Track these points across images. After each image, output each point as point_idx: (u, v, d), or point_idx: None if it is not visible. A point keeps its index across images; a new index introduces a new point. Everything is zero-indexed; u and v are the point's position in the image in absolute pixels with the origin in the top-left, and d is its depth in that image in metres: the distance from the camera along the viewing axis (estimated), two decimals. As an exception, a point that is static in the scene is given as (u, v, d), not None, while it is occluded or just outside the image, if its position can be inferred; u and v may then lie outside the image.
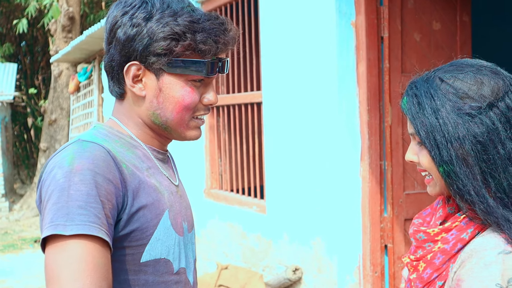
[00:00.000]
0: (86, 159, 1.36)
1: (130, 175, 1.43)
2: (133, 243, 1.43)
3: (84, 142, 1.42)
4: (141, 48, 1.47)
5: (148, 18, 1.46)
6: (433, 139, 1.39)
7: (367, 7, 4.01)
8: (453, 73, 1.42)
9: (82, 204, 1.31)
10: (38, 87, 19.57)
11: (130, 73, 1.49)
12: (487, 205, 1.35)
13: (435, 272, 1.42)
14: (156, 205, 1.47)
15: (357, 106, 4.08)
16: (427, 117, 1.40)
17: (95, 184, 1.34)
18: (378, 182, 4.09)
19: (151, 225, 1.45)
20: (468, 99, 1.37)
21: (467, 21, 4.36)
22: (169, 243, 1.50)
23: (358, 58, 4.07)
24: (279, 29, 4.80)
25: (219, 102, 5.86)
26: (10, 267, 8.80)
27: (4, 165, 14.59)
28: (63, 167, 1.36)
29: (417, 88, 1.44)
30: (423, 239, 1.46)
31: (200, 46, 1.46)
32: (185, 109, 1.51)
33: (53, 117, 13.84)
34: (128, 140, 1.54)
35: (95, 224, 1.31)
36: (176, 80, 1.49)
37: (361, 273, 4.14)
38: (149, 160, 1.54)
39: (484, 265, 1.30)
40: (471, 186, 1.36)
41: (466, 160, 1.36)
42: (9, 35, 19.08)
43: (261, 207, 5.19)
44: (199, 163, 6.15)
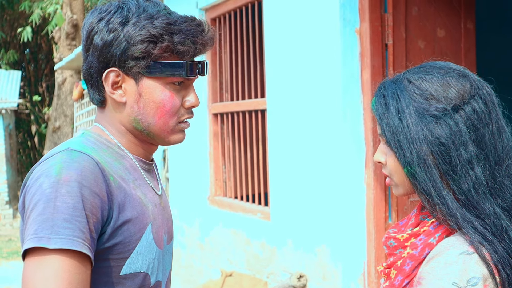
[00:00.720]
0: (75, 170, 1.35)
1: (116, 188, 1.42)
2: (114, 256, 1.42)
3: (74, 152, 1.40)
4: (119, 53, 1.45)
5: (124, 23, 1.45)
6: (397, 140, 1.39)
7: (371, 15, 4.01)
8: (421, 75, 1.42)
9: (67, 217, 1.30)
10: (42, 94, 19.62)
11: (109, 80, 1.48)
12: (447, 206, 1.35)
13: (406, 279, 1.42)
14: (140, 219, 1.46)
15: (362, 113, 4.09)
16: (391, 118, 1.40)
17: (82, 197, 1.33)
18: (382, 189, 4.09)
19: (134, 239, 1.44)
20: (434, 101, 1.37)
21: (471, 28, 4.36)
22: (150, 257, 1.49)
23: (362, 65, 4.07)
24: (283, 36, 4.81)
25: (223, 109, 5.87)
26: (14, 274, 8.81)
27: (8, 172, 14.62)
28: (51, 177, 1.34)
29: (385, 88, 1.44)
30: (393, 246, 1.46)
31: (178, 47, 1.45)
32: (167, 114, 1.49)
33: (57, 124, 13.87)
34: (116, 149, 1.52)
35: (79, 238, 1.30)
36: (155, 83, 1.47)
37: (366, 280, 4.13)
38: (135, 171, 1.53)
39: (444, 264, 1.31)
40: (432, 188, 1.37)
41: (427, 162, 1.37)
42: (13, 43, 19.14)
43: (266, 214, 5.19)
44: (203, 170, 6.16)
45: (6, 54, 17.94)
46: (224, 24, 5.91)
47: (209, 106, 6.04)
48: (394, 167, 1.43)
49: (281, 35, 4.85)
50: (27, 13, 16.20)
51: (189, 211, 6.37)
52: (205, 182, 6.16)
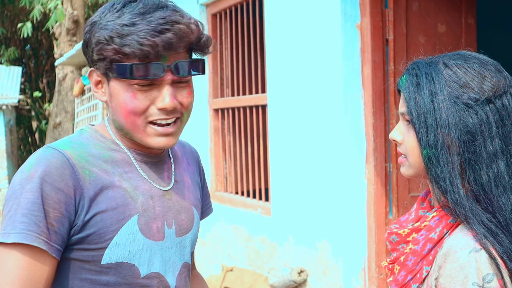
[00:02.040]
0: (41, 166, 1.41)
1: (91, 181, 1.46)
2: (91, 246, 1.46)
3: (48, 149, 1.46)
4: (90, 54, 1.51)
5: (100, 27, 1.47)
6: (424, 121, 1.39)
7: (372, 10, 4.01)
8: (459, 61, 1.42)
9: (25, 212, 1.38)
10: (43, 90, 19.62)
11: (92, 79, 1.54)
12: (458, 195, 1.35)
13: (409, 274, 1.43)
14: (120, 211, 1.48)
15: (362, 108, 4.09)
16: (423, 98, 1.40)
17: (42, 192, 1.39)
18: (383, 185, 4.09)
19: (110, 230, 1.46)
20: (468, 90, 1.38)
21: (472, 24, 4.36)
22: (133, 248, 1.50)
23: (363, 60, 4.07)
24: (284, 31, 4.81)
25: (224, 105, 5.87)
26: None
27: (9, 168, 14.62)
28: (23, 173, 1.42)
29: (419, 68, 1.43)
30: (396, 241, 1.47)
31: (125, 49, 1.43)
32: (131, 114, 1.48)
33: (58, 120, 13.87)
34: (109, 144, 1.55)
35: (33, 232, 1.38)
36: (119, 84, 1.48)
37: (367, 276, 4.14)
38: (127, 164, 1.54)
39: (459, 268, 1.31)
40: (447, 174, 1.37)
41: (450, 148, 1.37)
42: (13, 39, 19.13)
43: (266, 209, 5.19)
44: (204, 165, 6.16)
45: (6, 51, 17.93)
46: (225, 20, 5.90)
47: (210, 101, 6.04)
48: (411, 147, 1.44)
49: (281, 31, 4.84)
50: (27, 9, 16.19)
51: (190, 206, 6.37)
52: (206, 178, 6.15)
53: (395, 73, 4.05)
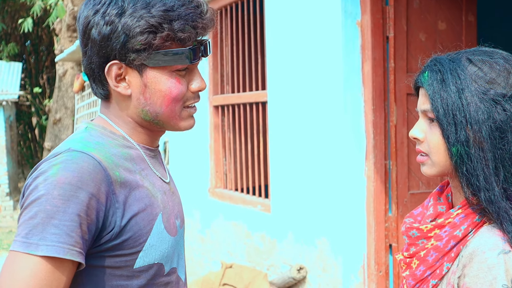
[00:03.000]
0: (71, 171, 1.32)
1: (121, 184, 1.40)
2: (126, 251, 1.41)
3: (74, 152, 1.37)
4: (119, 46, 1.41)
5: (121, 14, 1.40)
6: (452, 118, 1.37)
7: (373, 7, 4.01)
8: (483, 57, 1.40)
9: (56, 222, 1.29)
10: (43, 86, 19.62)
11: (112, 73, 1.44)
12: (493, 194, 1.34)
13: (428, 270, 1.41)
14: (149, 211, 1.44)
15: (362, 106, 4.09)
16: (450, 95, 1.37)
17: (74, 199, 1.31)
18: (383, 182, 4.09)
19: (144, 232, 1.43)
20: (495, 85, 1.36)
21: (472, 21, 4.36)
22: (163, 247, 1.48)
23: (363, 57, 4.07)
24: (284, 28, 4.81)
25: (224, 102, 5.87)
26: (14, 266, 8.82)
27: (8, 164, 14.63)
28: (48, 178, 1.32)
29: (442, 65, 1.41)
30: (416, 236, 1.45)
31: (179, 34, 1.41)
32: (174, 101, 1.46)
33: (58, 116, 13.87)
34: (121, 140, 1.49)
35: (65, 244, 1.29)
36: (160, 73, 1.44)
37: (366, 273, 4.14)
38: (142, 161, 1.51)
39: (488, 269, 1.29)
40: (481, 172, 1.35)
41: (482, 145, 1.35)
42: (14, 34, 19.12)
43: (266, 206, 5.20)
44: (203, 162, 6.16)
45: (7, 47, 17.92)
46: (226, 16, 5.90)
47: (210, 98, 6.04)
48: (436, 145, 1.41)
49: (282, 28, 4.84)
50: (28, 5, 16.17)
51: (189, 203, 6.38)
52: (205, 174, 6.16)
53: (395, 70, 4.05)
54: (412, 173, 4.18)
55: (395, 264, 4.15)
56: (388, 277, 4.14)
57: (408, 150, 4.13)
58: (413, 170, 4.17)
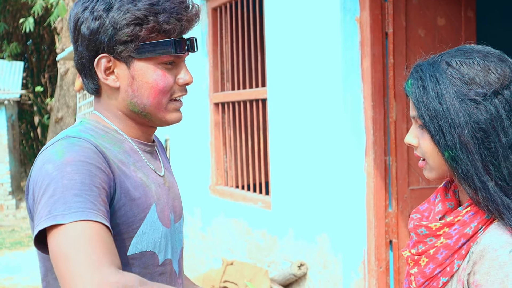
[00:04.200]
0: (77, 152, 1.37)
1: (117, 169, 1.45)
2: (119, 236, 1.43)
3: (72, 138, 1.43)
4: (107, 39, 1.47)
5: (108, 9, 1.47)
6: (437, 124, 1.37)
7: (372, 3, 4.01)
8: (460, 58, 1.40)
9: (77, 192, 1.30)
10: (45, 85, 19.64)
11: (101, 66, 1.50)
12: (488, 192, 1.34)
13: (438, 267, 1.42)
14: (143, 199, 1.49)
15: (362, 102, 4.09)
16: (431, 101, 1.38)
17: (89, 172, 1.34)
18: (382, 178, 4.10)
19: (138, 219, 1.47)
20: (474, 85, 1.36)
21: (471, 17, 4.35)
22: (156, 236, 1.52)
23: (362, 53, 4.07)
24: (283, 25, 4.81)
25: (225, 99, 5.88)
26: (17, 264, 8.85)
27: (11, 163, 14.65)
28: (54, 161, 1.35)
29: (423, 71, 1.42)
30: (424, 234, 1.45)
31: (164, 26, 1.47)
32: (160, 93, 1.52)
33: (60, 115, 13.90)
34: (114, 134, 1.55)
35: (92, 210, 1.29)
36: (147, 65, 1.50)
37: (366, 269, 4.15)
38: (135, 154, 1.56)
39: (499, 267, 1.29)
40: (473, 172, 1.36)
41: (468, 146, 1.35)
42: (15, 34, 19.15)
43: (266, 203, 5.20)
44: (204, 159, 6.17)
45: (9, 46, 17.95)
46: (225, 14, 5.90)
47: (210, 95, 6.04)
48: (430, 151, 1.42)
49: (281, 25, 4.84)
50: (29, 4, 16.19)
51: (190, 200, 6.39)
52: (206, 172, 6.17)
53: (395, 66, 4.05)
54: (412, 169, 4.18)
55: (395, 260, 4.15)
56: (388, 273, 4.14)
57: (407, 146, 4.12)
58: (413, 166, 4.17)
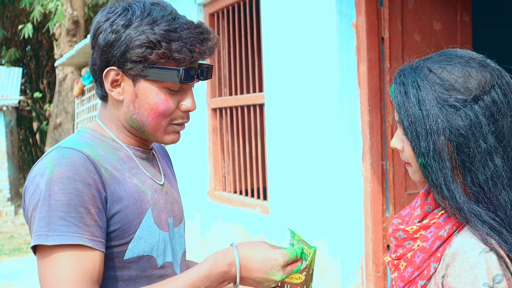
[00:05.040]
0: (65, 166, 1.41)
1: (109, 178, 1.49)
2: (115, 242, 1.49)
3: (64, 149, 1.47)
4: (119, 54, 1.51)
5: (127, 25, 1.51)
6: (415, 130, 1.38)
7: (368, 8, 4.02)
8: (441, 64, 1.40)
9: (62, 214, 1.38)
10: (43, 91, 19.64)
11: (109, 78, 1.55)
12: (455, 200, 1.36)
13: (416, 271, 1.42)
14: (138, 205, 1.53)
15: (359, 107, 4.10)
16: (411, 107, 1.39)
17: (75, 192, 1.40)
18: (380, 182, 4.10)
19: (133, 224, 1.51)
20: (454, 91, 1.36)
21: (467, 21, 4.37)
22: (153, 240, 1.55)
23: (359, 58, 4.08)
24: (280, 30, 4.82)
25: (222, 104, 5.89)
26: (16, 271, 8.84)
27: (9, 169, 14.64)
28: (44, 175, 1.41)
29: (405, 76, 1.43)
30: (402, 238, 1.47)
31: (174, 55, 1.49)
32: (160, 116, 1.55)
33: (58, 121, 13.89)
34: (110, 142, 1.59)
35: (75, 233, 1.38)
36: (151, 86, 1.53)
37: (364, 273, 4.15)
38: (131, 161, 1.60)
39: (469, 268, 1.30)
40: (442, 181, 1.36)
41: (442, 154, 1.36)
42: (14, 39, 19.16)
43: (264, 208, 5.21)
44: (202, 165, 6.18)
45: (7, 52, 17.96)
46: (222, 19, 5.92)
47: (208, 101, 6.05)
48: (410, 155, 1.44)
49: (278, 30, 4.86)
50: (28, 10, 16.21)
51: (189, 206, 6.39)
52: (204, 177, 6.18)
53: (391, 71, 4.06)
54: (409, 173, 4.17)
55: (393, 264, 4.15)
56: (386, 277, 4.15)
57: (404, 151, 4.13)
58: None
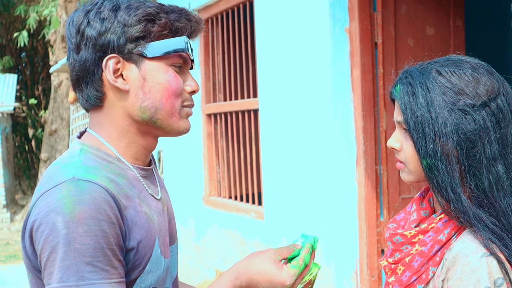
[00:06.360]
0: (88, 204, 1.28)
1: (125, 210, 1.37)
2: (125, 279, 1.38)
3: (80, 182, 1.32)
4: (116, 38, 1.40)
5: (116, 9, 1.41)
6: (422, 131, 1.39)
7: (361, 13, 4.04)
8: (451, 68, 1.41)
9: (90, 260, 1.27)
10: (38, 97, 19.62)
11: (109, 68, 1.41)
12: (461, 203, 1.36)
13: (414, 275, 1.43)
14: (149, 237, 1.42)
15: (352, 112, 4.11)
16: (419, 108, 1.39)
17: (101, 233, 1.29)
18: (374, 187, 4.11)
19: (144, 260, 1.41)
20: (464, 96, 1.37)
21: (460, 26, 4.39)
22: (159, 272, 1.46)
23: (352, 64, 4.09)
24: (274, 36, 4.84)
25: (217, 110, 5.89)
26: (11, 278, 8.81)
27: (5, 176, 14.61)
28: (63, 214, 1.27)
29: (413, 77, 1.43)
30: (400, 242, 1.47)
31: (176, 24, 1.42)
32: (173, 95, 1.44)
33: (54, 127, 13.88)
34: (117, 163, 1.44)
35: (104, 279, 1.28)
36: (158, 64, 1.42)
37: (359, 278, 4.15)
38: (138, 183, 1.47)
39: (471, 272, 1.31)
40: (448, 183, 1.37)
41: (449, 157, 1.36)
42: (9, 46, 19.14)
43: (259, 213, 5.21)
44: (197, 170, 6.18)
45: (1, 60, 17.94)
46: (217, 25, 5.93)
47: (203, 106, 6.06)
48: (410, 156, 1.44)
49: (272, 35, 4.87)
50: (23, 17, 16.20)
51: (184, 211, 6.39)
52: (199, 183, 6.17)
53: (384, 76, 4.07)
54: (403, 178, 4.18)
55: (387, 269, 4.15)
56: (380, 282, 4.15)
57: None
58: (404, 175, 4.18)
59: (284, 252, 1.59)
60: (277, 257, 1.56)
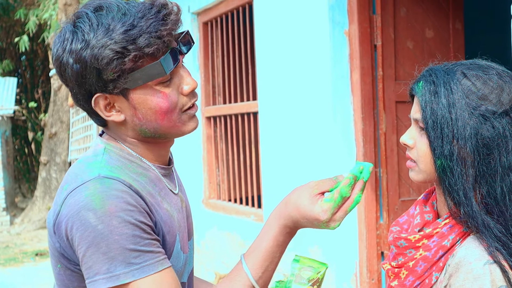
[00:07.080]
0: (116, 199, 1.32)
1: (151, 207, 1.40)
2: None
3: (105, 180, 1.35)
4: (95, 80, 1.38)
5: (85, 48, 1.36)
6: (440, 131, 1.37)
7: (360, 16, 4.04)
8: (477, 72, 1.40)
9: (132, 246, 1.30)
10: (38, 100, 19.62)
11: (100, 106, 1.42)
12: (471, 208, 1.35)
13: (418, 280, 1.42)
14: (171, 233, 1.45)
15: (352, 114, 4.11)
16: (440, 108, 1.38)
17: (136, 221, 1.32)
18: (373, 189, 4.11)
19: (167, 255, 1.42)
20: (487, 102, 1.36)
21: (459, 29, 4.39)
22: (178, 266, 1.48)
23: (351, 66, 4.10)
24: (273, 39, 4.84)
25: (216, 113, 5.90)
26: (11, 281, 8.80)
27: (5, 179, 14.60)
28: (94, 210, 1.30)
29: (437, 76, 1.41)
30: (404, 246, 1.46)
31: (146, 50, 1.35)
32: (167, 113, 1.43)
33: (53, 131, 13.88)
34: (139, 162, 1.47)
35: (151, 260, 1.32)
36: (144, 91, 1.41)
37: (358, 280, 4.15)
38: (160, 181, 1.49)
39: (473, 279, 1.30)
40: (461, 187, 1.36)
41: (465, 160, 1.36)
42: (9, 50, 19.15)
43: (259, 216, 5.21)
44: (197, 173, 6.17)
45: (1, 63, 17.94)
46: (216, 28, 5.93)
47: (202, 109, 6.06)
48: (424, 154, 1.42)
49: (271, 38, 4.87)
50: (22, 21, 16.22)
51: (183, 214, 6.38)
52: (199, 185, 6.17)
53: (384, 78, 4.07)
54: (403, 180, 4.19)
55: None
56: (380, 284, 4.15)
57: (398, 158, 4.15)
58: (404, 177, 4.18)
59: (325, 184, 1.51)
60: (314, 191, 1.51)
